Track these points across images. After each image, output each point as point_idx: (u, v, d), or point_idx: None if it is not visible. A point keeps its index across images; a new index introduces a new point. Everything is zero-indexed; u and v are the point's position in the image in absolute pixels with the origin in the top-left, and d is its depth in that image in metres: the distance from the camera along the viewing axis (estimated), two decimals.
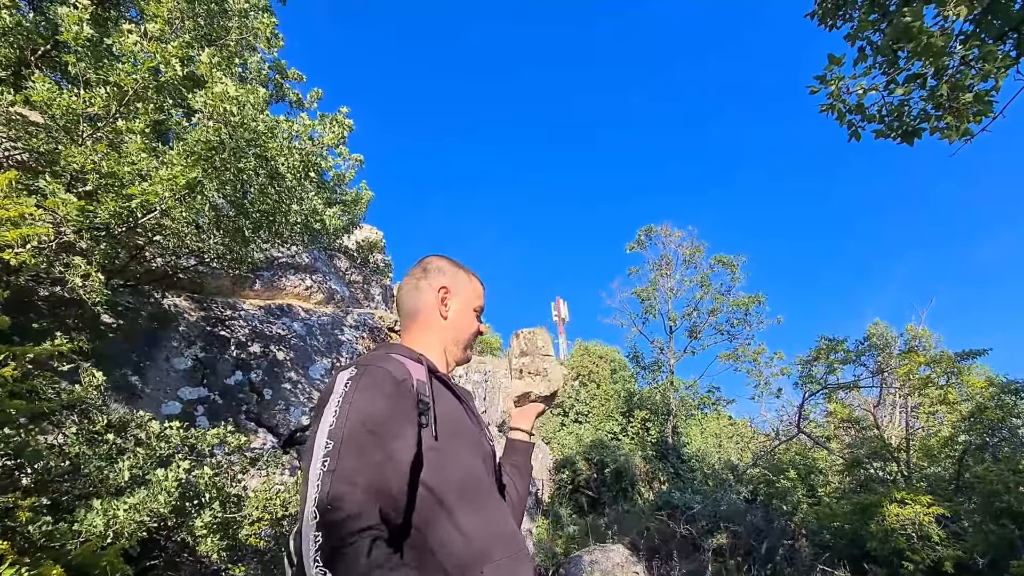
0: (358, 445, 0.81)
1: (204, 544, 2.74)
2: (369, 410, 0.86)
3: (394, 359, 0.98)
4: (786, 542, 7.12)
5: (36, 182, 2.88)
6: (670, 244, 14.35)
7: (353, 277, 7.35)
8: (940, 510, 4.60)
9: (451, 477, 0.94)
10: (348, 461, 0.79)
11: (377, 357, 0.97)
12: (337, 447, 0.80)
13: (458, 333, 1.20)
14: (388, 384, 0.91)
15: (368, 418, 0.85)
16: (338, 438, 0.81)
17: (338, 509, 0.74)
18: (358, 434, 0.82)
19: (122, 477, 2.65)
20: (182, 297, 4.72)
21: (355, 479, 0.78)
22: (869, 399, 8.55)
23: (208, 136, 3.02)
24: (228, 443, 3.24)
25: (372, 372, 0.92)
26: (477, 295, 1.25)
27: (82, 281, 2.92)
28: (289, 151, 3.48)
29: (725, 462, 11.51)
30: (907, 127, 2.74)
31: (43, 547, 1.82)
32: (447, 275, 1.22)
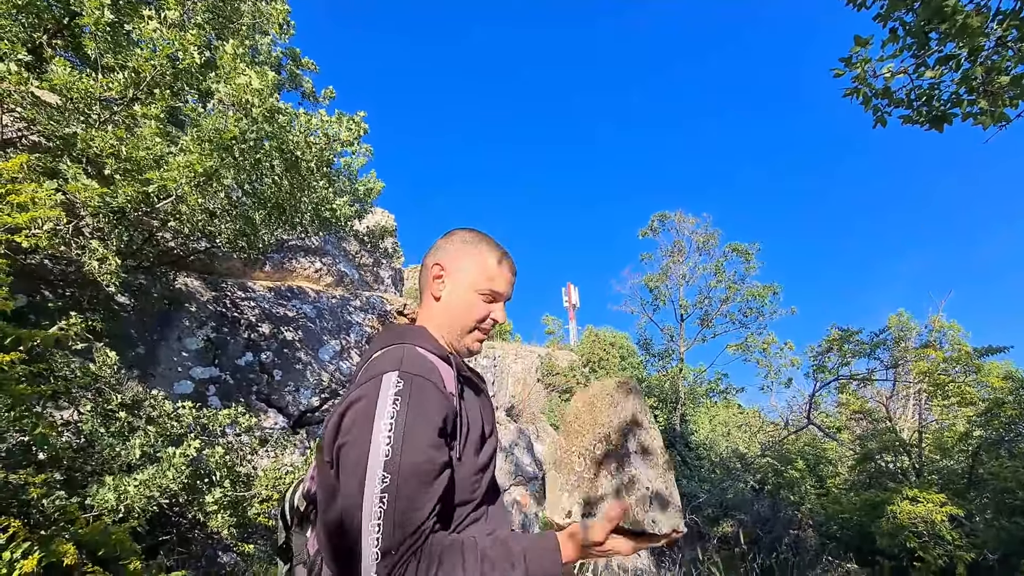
0: (417, 482, 0.80)
1: (214, 520, 2.79)
2: (423, 428, 0.83)
3: (431, 364, 0.92)
4: (792, 532, 7.12)
5: (57, 164, 2.91)
6: (683, 231, 14.17)
7: (363, 260, 7.37)
8: (953, 509, 4.53)
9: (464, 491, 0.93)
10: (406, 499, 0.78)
11: (416, 360, 0.90)
12: (395, 483, 0.78)
13: (453, 317, 1.05)
14: (438, 404, 0.87)
15: (425, 448, 0.82)
16: (394, 471, 0.79)
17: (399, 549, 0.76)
18: (415, 468, 0.80)
19: (133, 454, 2.69)
20: (193, 278, 4.76)
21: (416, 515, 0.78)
22: (882, 390, 8.44)
23: (228, 125, 3.02)
24: (239, 423, 3.28)
25: (422, 388, 0.86)
26: (487, 276, 1.05)
27: (99, 264, 2.96)
28: (307, 145, 3.48)
29: (733, 451, 11.49)
30: (937, 112, 2.62)
31: (56, 522, 1.86)
32: (447, 251, 1.08)
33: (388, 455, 0.79)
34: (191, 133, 3.08)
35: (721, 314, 13.54)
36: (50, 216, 2.50)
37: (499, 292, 1.07)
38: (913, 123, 2.75)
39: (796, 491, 7.77)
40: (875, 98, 2.75)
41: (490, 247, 1.08)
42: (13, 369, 1.79)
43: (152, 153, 2.89)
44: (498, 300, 1.08)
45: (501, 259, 1.08)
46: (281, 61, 4.81)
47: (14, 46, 2.82)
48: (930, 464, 6.38)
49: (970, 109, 2.53)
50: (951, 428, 6.38)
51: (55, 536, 1.57)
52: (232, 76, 2.99)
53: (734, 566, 6.57)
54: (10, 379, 1.75)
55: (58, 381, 2.48)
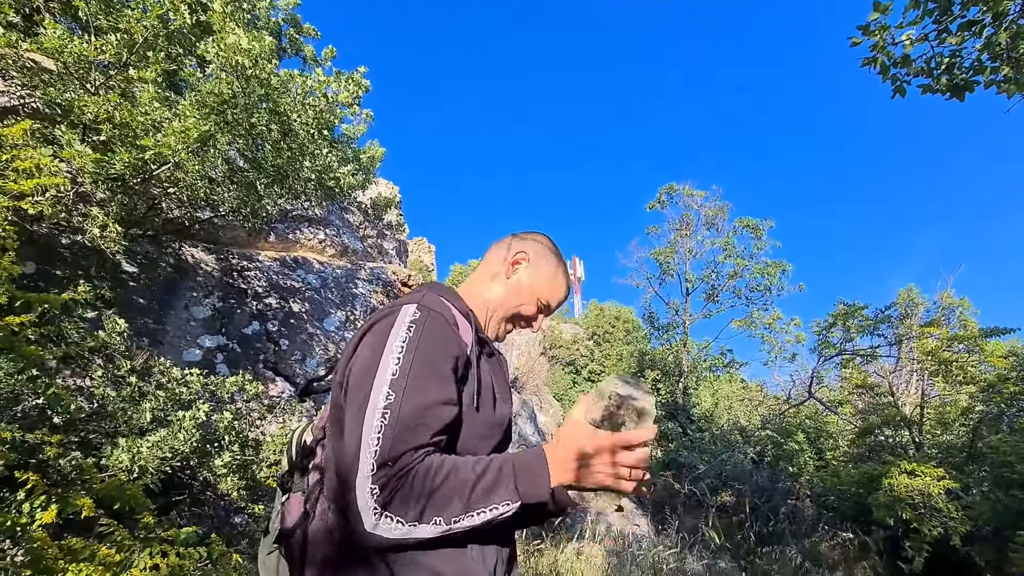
0: (419, 398, 0.81)
1: (224, 483, 2.88)
2: (432, 358, 0.85)
3: (450, 309, 0.95)
4: (790, 502, 7.26)
5: (52, 131, 2.89)
6: (692, 204, 13.99)
7: (367, 232, 7.36)
8: (950, 483, 4.59)
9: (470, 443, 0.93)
10: (408, 417, 0.79)
11: (436, 302, 0.94)
12: (398, 399, 0.80)
13: (508, 301, 1.11)
14: (449, 332, 0.90)
15: (430, 368, 0.84)
16: (399, 389, 0.80)
17: (396, 464, 0.76)
18: (419, 385, 0.82)
19: (145, 418, 2.77)
20: (199, 248, 4.78)
21: (415, 435, 0.79)
22: (886, 365, 8.45)
23: (221, 88, 2.97)
24: (246, 390, 3.35)
25: (435, 320, 0.89)
26: (551, 289, 1.13)
27: (100, 231, 2.97)
28: (303, 108, 3.41)
29: (734, 424, 11.62)
30: (958, 80, 2.52)
31: (72, 481, 1.93)
32: (535, 247, 1.15)
33: (396, 374, 0.81)
34: (189, 98, 3.05)
35: (728, 289, 13.49)
36: (54, 183, 2.51)
37: (550, 307, 1.16)
38: (933, 92, 2.66)
39: (795, 463, 7.88)
40: (894, 67, 2.64)
41: (564, 268, 1.18)
42: (24, 331, 1.83)
43: (151, 119, 2.87)
44: (543, 312, 1.16)
45: (567, 282, 1.18)
46: (281, 27, 4.71)
47: (2, 6, 2.77)
48: (931, 438, 6.43)
49: (993, 77, 2.43)
50: (953, 403, 6.40)
51: (68, 488, 1.63)
52: (221, 36, 2.93)
53: (732, 533, 6.73)
54: (21, 341, 1.80)
55: (69, 346, 2.54)
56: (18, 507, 1.48)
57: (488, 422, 0.96)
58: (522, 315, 1.13)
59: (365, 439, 0.78)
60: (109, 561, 1.46)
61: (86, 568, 1.40)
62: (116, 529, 1.59)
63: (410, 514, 0.75)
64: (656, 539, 6.23)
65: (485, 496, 0.78)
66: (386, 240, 7.73)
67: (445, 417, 0.84)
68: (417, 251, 15.00)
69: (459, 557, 0.85)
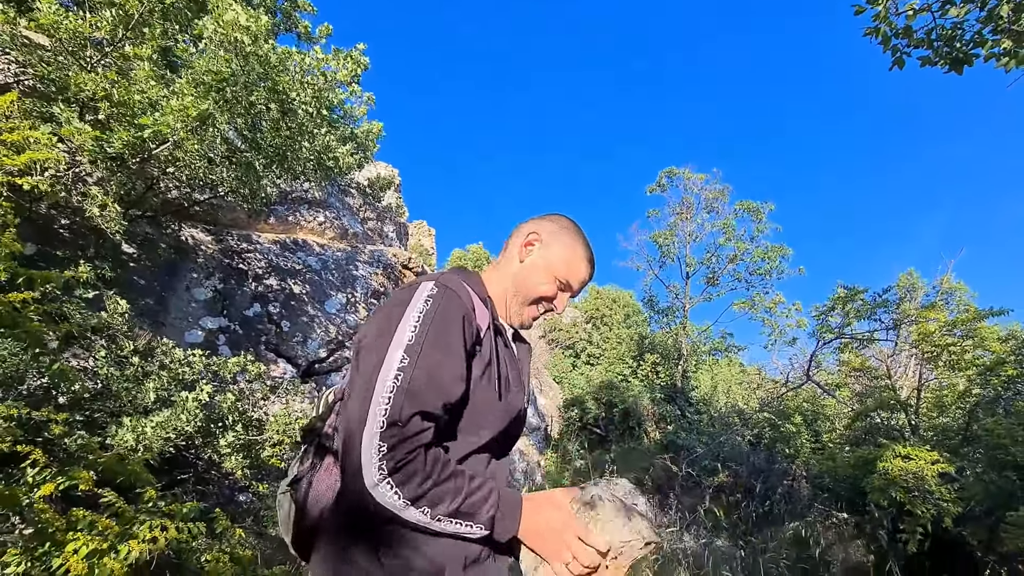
0: (432, 366, 0.83)
1: (228, 462, 2.91)
2: (447, 332, 0.87)
3: (468, 292, 0.97)
4: (786, 483, 7.35)
5: (50, 108, 2.86)
6: (692, 187, 13.90)
7: (367, 214, 7.33)
8: (944, 467, 4.64)
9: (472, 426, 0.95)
10: (421, 381, 0.81)
11: (455, 282, 0.96)
12: (412, 364, 0.81)
13: (524, 284, 1.09)
14: (464, 311, 0.92)
15: (444, 340, 0.86)
16: (414, 354, 0.82)
17: (407, 427, 0.78)
18: (433, 354, 0.84)
19: (148, 398, 2.79)
20: (199, 229, 4.77)
21: (425, 399, 0.80)
22: (884, 349, 8.49)
23: (219, 67, 2.93)
24: (249, 371, 3.37)
25: (452, 297, 0.91)
26: (568, 266, 1.10)
27: (100, 211, 2.96)
28: (302, 86, 3.36)
29: (732, 407, 11.72)
30: (958, 53, 2.49)
31: (78, 459, 1.95)
32: (548, 227, 1.12)
33: (411, 340, 0.83)
34: (186, 75, 3.01)
35: (728, 273, 13.48)
36: (49, 158, 2.48)
37: (572, 285, 1.12)
38: (932, 65, 2.62)
39: (792, 445, 7.96)
40: (895, 38, 2.61)
41: (583, 244, 1.13)
42: (27, 309, 1.83)
43: (147, 96, 2.83)
44: (566, 291, 1.12)
45: (588, 259, 1.13)
46: (277, 2, 4.62)
47: None
48: (926, 421, 6.49)
49: (993, 50, 2.39)
50: (950, 387, 6.44)
51: (73, 465, 1.65)
52: (219, 12, 2.88)
53: (729, 513, 6.84)
54: (25, 319, 1.80)
55: (71, 325, 2.54)
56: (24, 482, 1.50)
57: (494, 406, 0.97)
58: (543, 296, 1.10)
59: (376, 397, 0.79)
60: (108, 532, 1.49)
61: (84, 537, 1.42)
62: (117, 502, 1.61)
63: (408, 494, 0.77)
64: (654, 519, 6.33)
65: (468, 513, 0.82)
66: (386, 223, 7.70)
67: (454, 391, 0.86)
68: (417, 234, 14.94)
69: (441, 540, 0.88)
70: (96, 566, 1.40)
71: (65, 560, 1.34)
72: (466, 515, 0.82)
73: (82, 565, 1.37)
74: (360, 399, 0.80)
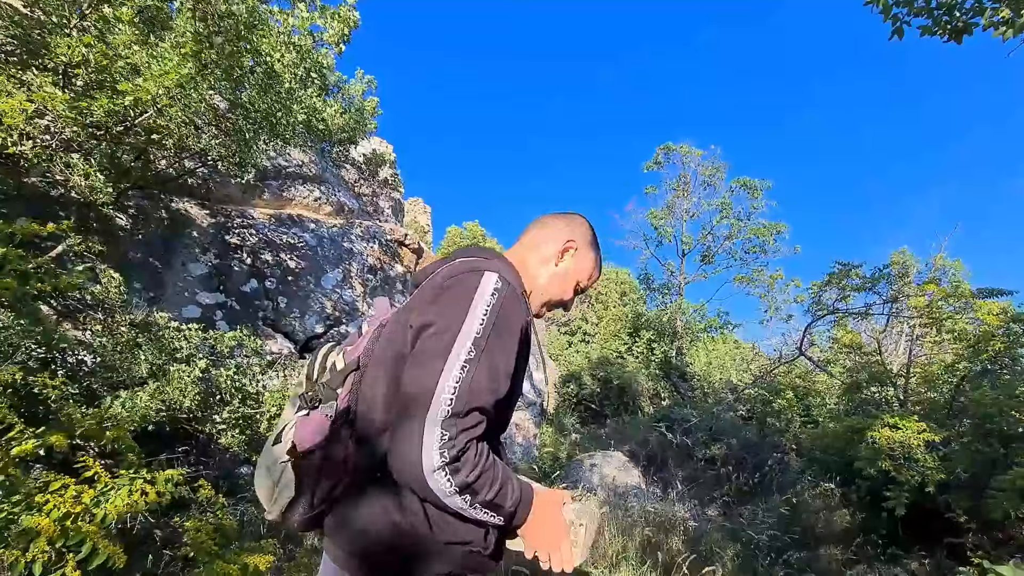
0: (493, 363, 0.86)
1: (225, 438, 2.94)
2: (509, 331, 0.90)
3: (520, 285, 1.04)
4: (776, 455, 7.51)
5: (24, 74, 2.77)
6: (689, 164, 13.81)
7: (362, 190, 7.26)
8: (930, 436, 4.75)
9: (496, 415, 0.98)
10: (483, 377, 0.84)
11: (513, 276, 1.02)
12: (478, 358, 0.84)
13: (550, 287, 1.17)
14: (523, 313, 0.96)
15: (505, 339, 0.89)
16: (479, 349, 0.84)
17: (466, 418, 0.81)
18: (496, 351, 0.87)
19: (142, 369, 2.80)
20: (193, 204, 4.72)
21: (485, 396, 0.83)
22: (877, 327, 8.59)
23: (195, 28, 2.84)
24: (246, 345, 3.38)
25: (514, 294, 0.94)
26: (587, 274, 1.21)
27: (84, 180, 2.90)
28: (286, 47, 3.26)
29: (726, 382, 11.88)
30: (957, 22, 2.46)
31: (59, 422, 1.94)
32: (583, 238, 1.20)
33: (479, 333, 0.86)
34: (168, 39, 2.92)
35: (723, 251, 13.50)
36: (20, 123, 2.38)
37: (584, 290, 1.25)
38: (932, 34, 2.60)
39: (783, 419, 8.11)
40: (896, 7, 2.58)
41: (600, 258, 1.25)
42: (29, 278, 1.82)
43: (130, 62, 2.74)
44: (578, 294, 1.24)
45: (599, 271, 1.26)
46: None
47: None
48: (915, 395, 6.61)
49: (992, 19, 2.37)
50: (939, 362, 6.54)
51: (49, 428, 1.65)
52: None
53: (720, 484, 7.00)
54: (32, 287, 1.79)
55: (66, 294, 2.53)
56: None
57: (513, 395, 1.00)
58: (561, 299, 1.20)
59: (443, 383, 0.81)
60: (83, 495, 1.49)
61: (54, 499, 1.43)
62: (92, 466, 1.61)
63: (459, 482, 0.80)
64: (647, 489, 6.48)
65: (498, 505, 0.87)
66: (382, 198, 7.63)
67: (504, 389, 0.89)
68: (413, 211, 14.83)
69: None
70: (70, 528, 1.41)
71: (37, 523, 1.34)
72: (497, 506, 0.87)
73: (53, 527, 1.37)
74: (425, 382, 0.82)
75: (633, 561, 3.98)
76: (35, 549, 1.35)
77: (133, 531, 1.88)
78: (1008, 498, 3.78)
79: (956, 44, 2.52)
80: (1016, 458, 4.09)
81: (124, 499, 1.57)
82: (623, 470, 6.75)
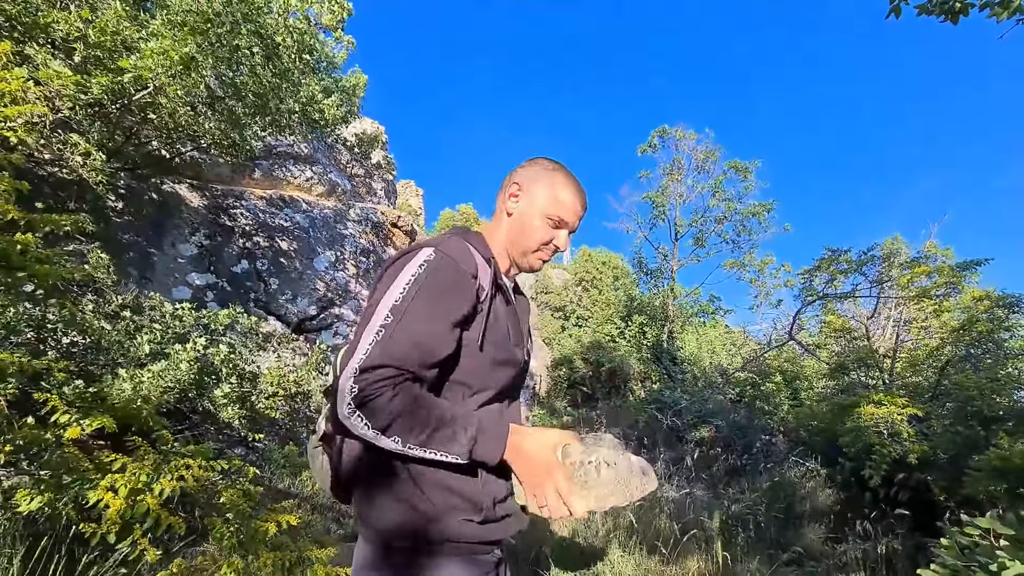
0: (411, 325, 0.90)
1: (225, 412, 2.96)
2: (435, 299, 0.93)
3: (471, 255, 1.02)
4: (764, 437, 7.67)
5: (24, 50, 2.71)
6: (684, 147, 13.76)
7: (355, 171, 7.19)
8: (913, 410, 4.87)
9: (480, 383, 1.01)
10: (398, 338, 0.88)
11: (458, 247, 1.01)
12: (394, 322, 0.89)
13: (519, 234, 1.12)
14: (458, 278, 0.96)
15: (431, 305, 0.92)
16: (398, 313, 0.90)
17: (375, 372, 0.86)
18: (416, 316, 0.90)
19: (142, 351, 2.80)
20: (183, 184, 4.66)
21: (397, 354, 0.88)
22: (864, 311, 8.72)
23: (202, 7, 2.79)
24: (240, 323, 3.38)
25: (446, 264, 0.96)
26: (557, 203, 1.10)
27: (83, 160, 2.86)
28: (286, 29, 3.23)
29: (716, 366, 12.04)
30: (954, 2, 2.45)
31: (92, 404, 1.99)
32: (528, 174, 1.13)
33: (398, 300, 0.91)
34: (160, 16, 2.86)
35: (715, 233, 13.55)
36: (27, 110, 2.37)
37: (565, 220, 1.12)
38: (928, 14, 2.59)
39: (771, 402, 8.26)
40: None
41: (566, 178, 1.14)
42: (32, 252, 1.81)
43: (121, 39, 2.70)
44: (563, 228, 1.13)
45: (574, 191, 1.13)
46: None
47: None
48: (900, 378, 6.75)
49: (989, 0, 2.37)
50: (924, 346, 6.67)
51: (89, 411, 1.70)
52: None
53: (709, 465, 7.15)
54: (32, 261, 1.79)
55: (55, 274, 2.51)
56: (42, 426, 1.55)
57: (494, 362, 1.02)
58: (541, 241, 1.12)
59: (360, 347, 0.89)
60: (140, 472, 1.56)
61: (121, 478, 1.50)
62: (142, 446, 1.69)
63: (377, 424, 0.86)
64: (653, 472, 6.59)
65: (441, 442, 0.88)
66: (374, 180, 7.57)
67: (431, 350, 0.91)
68: (405, 194, 14.72)
69: (470, 480, 0.96)
70: (136, 503, 1.51)
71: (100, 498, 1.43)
72: (440, 443, 0.88)
73: (122, 502, 1.48)
74: (349, 351, 0.90)
75: (622, 538, 4.08)
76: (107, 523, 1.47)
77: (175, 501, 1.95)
78: (984, 477, 3.91)
79: (952, 24, 2.52)
80: (994, 439, 4.22)
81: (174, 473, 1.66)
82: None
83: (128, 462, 1.59)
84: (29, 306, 2.36)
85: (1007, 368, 5.37)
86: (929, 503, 4.71)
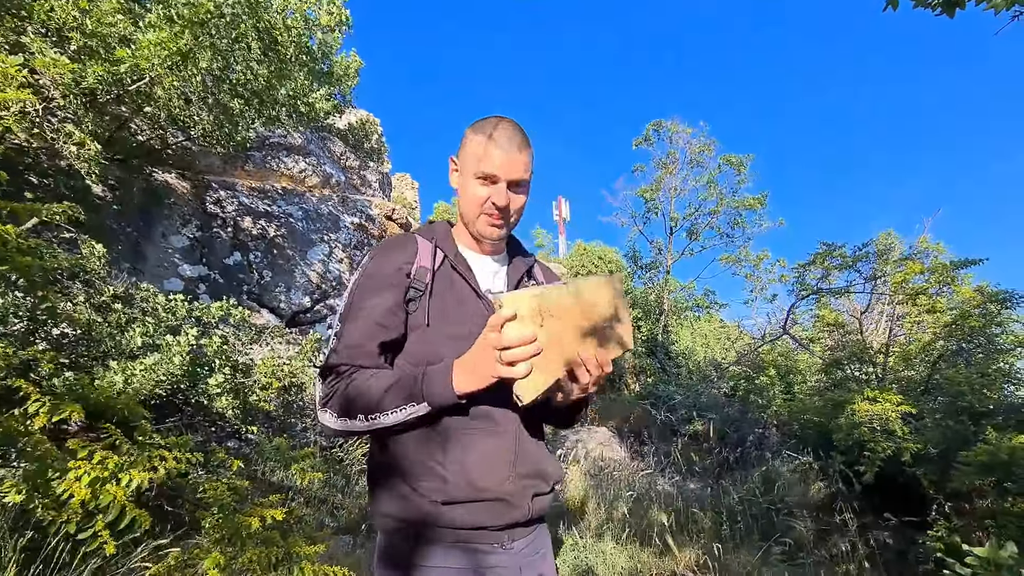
0: (348, 329, 1.00)
1: (219, 402, 2.95)
2: (364, 298, 1.02)
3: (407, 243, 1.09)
4: (757, 431, 7.73)
5: (19, 38, 2.66)
6: (678, 141, 13.73)
7: (349, 162, 7.13)
8: (907, 407, 4.91)
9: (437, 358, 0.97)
10: (345, 340, 0.99)
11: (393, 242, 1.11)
12: (341, 328, 1.01)
13: (463, 206, 1.09)
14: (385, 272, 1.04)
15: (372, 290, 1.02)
16: (343, 320, 1.02)
17: (330, 373, 0.98)
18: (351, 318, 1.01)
19: (134, 343, 2.77)
20: (173, 175, 4.60)
21: (342, 356, 0.98)
22: (858, 306, 8.75)
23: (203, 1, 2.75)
24: (232, 315, 3.35)
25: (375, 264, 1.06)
26: (479, 159, 1.01)
27: (77, 149, 2.82)
28: (285, 27, 3.22)
29: (710, 360, 12.09)
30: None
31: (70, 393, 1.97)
32: (460, 148, 1.08)
33: (347, 299, 1.04)
34: (156, 10, 2.82)
35: (709, 227, 13.56)
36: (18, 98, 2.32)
37: (490, 173, 1.01)
38: (924, 6, 2.56)
39: (765, 396, 8.31)
40: None
41: (483, 129, 1.04)
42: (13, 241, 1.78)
43: (116, 30, 2.66)
44: (496, 182, 1.03)
45: (495, 140, 1.02)
46: None
47: None
48: (893, 373, 6.80)
49: None
50: (917, 341, 6.71)
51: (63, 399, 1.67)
52: None
53: (702, 458, 7.21)
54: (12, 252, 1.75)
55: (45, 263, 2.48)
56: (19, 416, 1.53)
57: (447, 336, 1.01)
58: (479, 204, 1.05)
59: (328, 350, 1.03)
60: (108, 461, 1.54)
61: (85, 465, 1.48)
62: (114, 434, 1.66)
63: (340, 411, 0.95)
64: (631, 463, 6.64)
65: (395, 400, 0.92)
66: (369, 172, 7.51)
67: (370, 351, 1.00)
68: (400, 187, 14.64)
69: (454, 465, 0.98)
70: (100, 492, 1.50)
71: (68, 487, 1.42)
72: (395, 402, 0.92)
73: (85, 491, 1.46)
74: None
75: (615, 530, 4.11)
76: (68, 510, 1.48)
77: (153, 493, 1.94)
78: (973, 471, 3.95)
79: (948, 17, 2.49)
80: (983, 434, 4.26)
81: (146, 464, 1.65)
82: (607, 445, 6.90)
83: (96, 450, 1.57)
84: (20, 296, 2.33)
85: (998, 363, 5.42)
86: (918, 496, 4.76)
